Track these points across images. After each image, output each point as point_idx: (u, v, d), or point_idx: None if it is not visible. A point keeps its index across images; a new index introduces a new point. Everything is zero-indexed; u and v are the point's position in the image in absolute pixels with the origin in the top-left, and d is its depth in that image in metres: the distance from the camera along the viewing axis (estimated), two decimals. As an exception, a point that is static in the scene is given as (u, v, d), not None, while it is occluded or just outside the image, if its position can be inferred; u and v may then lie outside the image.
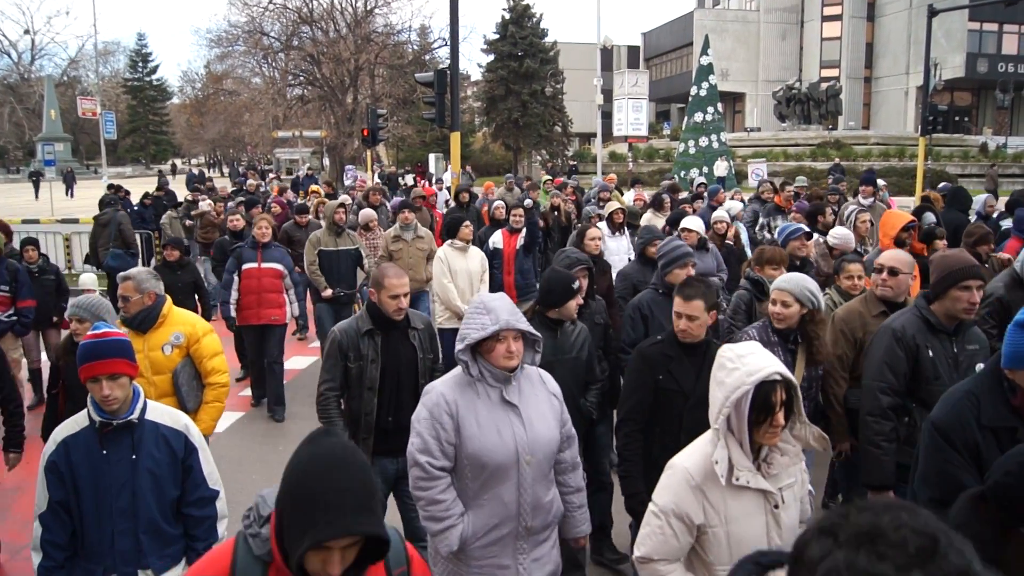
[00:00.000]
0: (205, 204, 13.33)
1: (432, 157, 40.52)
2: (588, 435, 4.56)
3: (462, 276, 7.36)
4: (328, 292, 8.22)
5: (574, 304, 4.24)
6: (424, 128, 43.61)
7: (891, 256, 4.44)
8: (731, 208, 9.66)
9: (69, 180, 40.24)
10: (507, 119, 43.05)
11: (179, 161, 66.94)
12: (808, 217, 8.21)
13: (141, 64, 71.29)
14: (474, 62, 74.58)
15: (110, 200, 14.52)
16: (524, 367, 3.14)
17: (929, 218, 8.21)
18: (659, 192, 11.84)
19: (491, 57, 44.67)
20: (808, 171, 27.25)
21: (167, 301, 4.55)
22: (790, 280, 4.11)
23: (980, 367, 3.68)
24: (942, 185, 12.87)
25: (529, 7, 43.98)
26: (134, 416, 2.99)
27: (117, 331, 3.06)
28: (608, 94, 33.41)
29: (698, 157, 30.05)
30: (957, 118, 47.37)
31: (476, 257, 7.55)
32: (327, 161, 46.99)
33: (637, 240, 6.81)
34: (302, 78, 43.21)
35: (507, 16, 43.80)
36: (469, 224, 7.56)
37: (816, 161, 33.62)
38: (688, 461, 2.57)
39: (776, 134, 39.37)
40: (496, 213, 9.00)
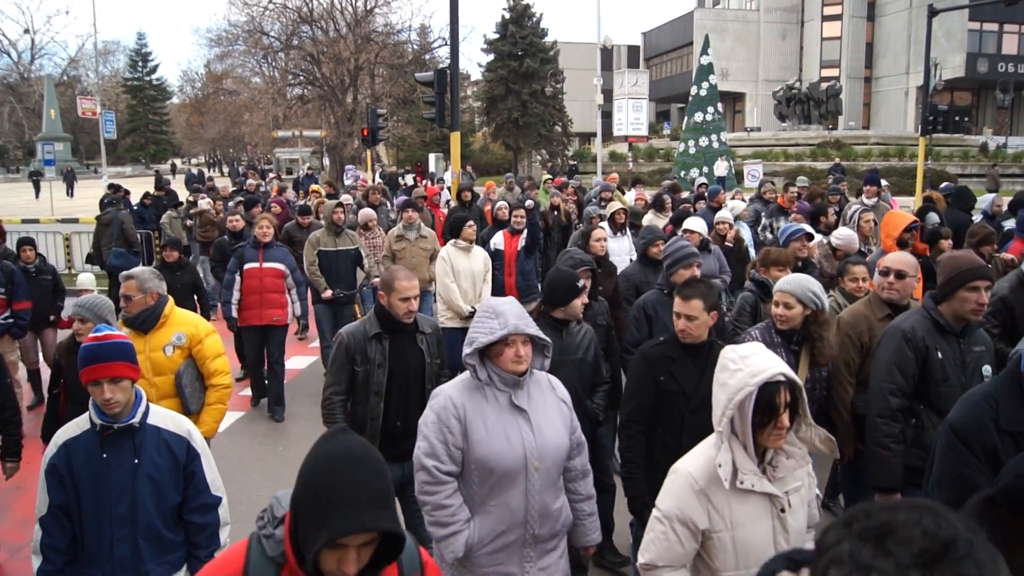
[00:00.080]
0: (204, 202, 13.31)
1: (432, 157, 40.51)
2: (591, 437, 4.53)
3: (465, 276, 7.33)
4: (328, 293, 8.20)
5: (579, 303, 4.21)
6: (424, 128, 43.60)
7: (896, 259, 4.39)
8: (734, 207, 9.62)
9: (70, 179, 40.13)
10: (507, 119, 43.04)
11: (179, 161, 66.83)
12: (810, 218, 8.19)
13: (141, 63, 71.19)
14: (474, 62, 74.81)
15: (112, 199, 14.51)
16: (533, 372, 3.10)
17: (933, 218, 8.18)
18: (660, 193, 11.82)
19: (491, 57, 44.67)
20: (808, 171, 27.22)
21: (169, 301, 4.51)
22: (792, 282, 4.09)
23: (986, 369, 3.68)
24: (944, 185, 12.83)
25: (529, 7, 43.97)
26: (135, 420, 2.94)
27: (119, 333, 3.02)
28: (608, 94, 33.37)
29: (698, 157, 30.05)
30: (957, 118, 47.36)
31: (479, 257, 7.51)
32: (327, 161, 46.93)
33: (639, 241, 6.77)
34: (302, 78, 43.19)
35: (507, 16, 43.79)
36: (473, 224, 7.52)
37: (816, 161, 33.59)
38: (692, 465, 2.52)
39: (776, 134, 39.34)
40: (499, 213, 8.98)
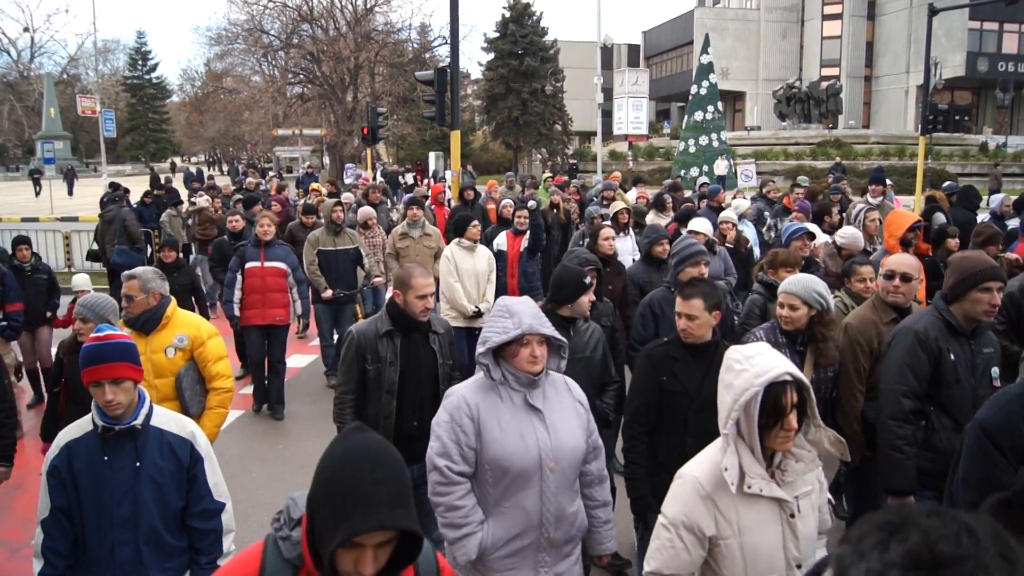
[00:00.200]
0: (202, 200, 13.28)
1: (432, 155, 40.48)
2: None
3: (469, 276, 7.31)
4: (328, 293, 8.18)
5: (587, 300, 4.17)
6: (424, 126, 43.54)
7: (900, 261, 4.31)
8: (738, 206, 9.58)
9: (70, 178, 39.87)
10: (507, 117, 43.00)
11: (178, 159, 66.74)
12: (815, 217, 8.16)
13: (141, 62, 71.11)
14: (474, 60, 74.75)
15: (114, 197, 14.48)
16: (549, 373, 3.05)
17: (939, 219, 8.15)
18: (661, 192, 11.80)
19: (491, 55, 44.63)
20: (808, 170, 27.25)
21: (172, 302, 4.44)
22: (797, 283, 4.05)
23: (995, 370, 3.66)
24: (947, 184, 12.81)
25: (529, 5, 43.92)
26: (138, 422, 2.88)
27: (121, 333, 2.97)
28: (608, 93, 33.37)
29: (698, 156, 30.07)
30: (957, 117, 47.29)
31: (483, 257, 7.49)
32: (327, 159, 46.93)
33: (642, 240, 6.72)
34: (302, 76, 43.13)
35: (507, 14, 43.75)
36: (477, 224, 7.49)
37: (816, 160, 33.56)
38: (698, 470, 2.46)
39: (776, 133, 39.30)
40: (504, 211, 8.94)
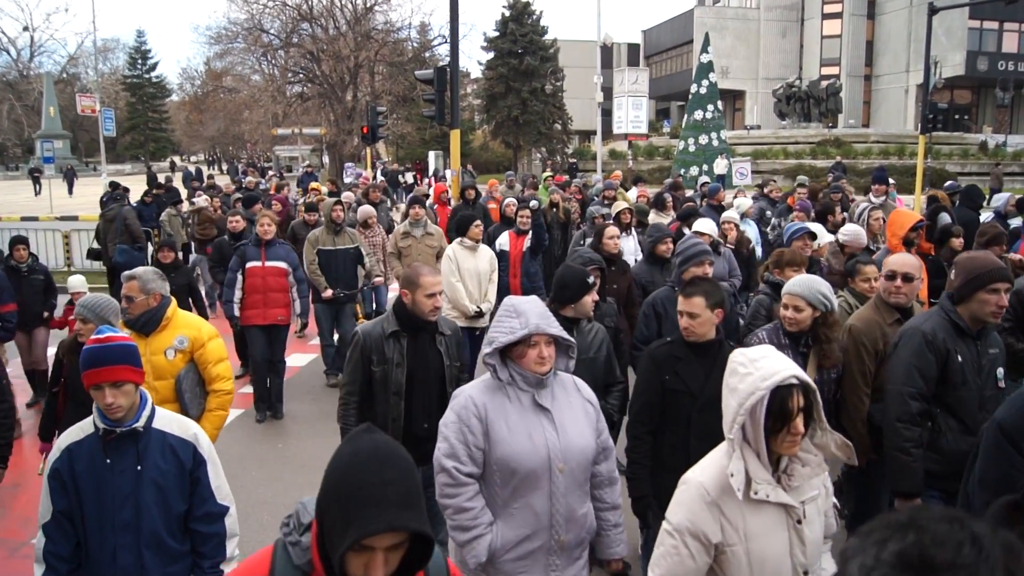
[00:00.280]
0: (201, 199, 13.24)
1: (432, 154, 40.51)
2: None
3: (470, 276, 7.29)
4: (328, 293, 8.15)
5: (590, 299, 4.15)
6: (424, 126, 43.55)
7: (902, 261, 4.28)
8: (740, 205, 9.56)
9: (70, 178, 39.68)
10: (507, 117, 42.96)
11: (178, 158, 66.70)
12: (818, 216, 8.16)
13: (140, 61, 70.99)
14: (474, 60, 74.51)
15: (115, 195, 14.46)
16: (558, 373, 3.02)
17: (944, 219, 8.11)
18: (661, 191, 11.78)
19: (491, 55, 44.57)
20: (808, 169, 27.25)
21: (172, 303, 4.40)
22: (802, 283, 4.02)
23: (999, 371, 3.64)
24: (948, 184, 12.80)
25: (529, 4, 43.86)
26: (139, 424, 2.84)
27: (122, 335, 2.92)
28: (608, 92, 33.38)
29: (698, 155, 30.06)
30: (957, 116, 47.24)
31: (485, 257, 7.47)
32: (327, 159, 46.92)
33: (646, 239, 6.69)
34: (302, 75, 43.18)
35: (507, 13, 43.69)
36: (479, 223, 7.47)
37: (816, 159, 33.55)
38: (703, 475, 2.41)
39: (776, 132, 39.30)
40: (507, 210, 8.94)
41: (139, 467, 2.83)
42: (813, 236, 6.53)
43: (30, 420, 7.55)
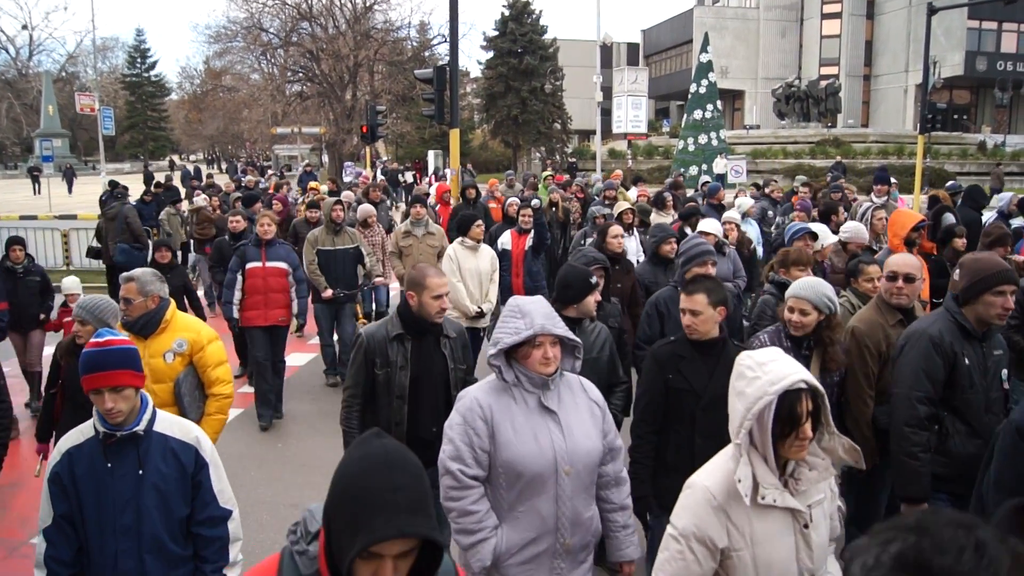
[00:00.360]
0: (200, 199, 13.20)
1: (431, 153, 40.48)
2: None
3: (471, 276, 7.28)
4: (329, 293, 8.13)
5: (593, 300, 4.12)
6: (423, 125, 43.51)
7: (903, 262, 4.25)
8: (741, 205, 9.54)
9: (69, 177, 39.55)
10: (506, 116, 42.93)
11: (177, 157, 66.63)
12: (821, 216, 8.15)
13: (139, 60, 70.98)
14: (473, 59, 74.38)
15: (116, 194, 14.40)
16: (564, 374, 2.99)
17: (949, 219, 8.08)
18: (661, 190, 11.77)
19: (490, 54, 44.55)
20: (807, 169, 27.24)
21: (171, 305, 4.32)
22: (807, 288, 3.98)
23: (1004, 372, 3.62)
24: (950, 184, 12.78)
25: (528, 4, 43.83)
26: (140, 428, 2.80)
27: (122, 339, 2.87)
28: (608, 91, 33.35)
29: (697, 154, 30.05)
30: (956, 116, 47.23)
31: (487, 257, 7.45)
32: (326, 158, 46.90)
33: (649, 239, 6.66)
34: (301, 74, 43.10)
35: (506, 13, 43.67)
36: (481, 223, 7.45)
37: (815, 159, 33.53)
38: (708, 480, 2.37)
39: (775, 132, 39.28)
40: (510, 210, 8.92)
41: (140, 471, 2.79)
42: (814, 236, 6.51)
43: (28, 420, 7.53)
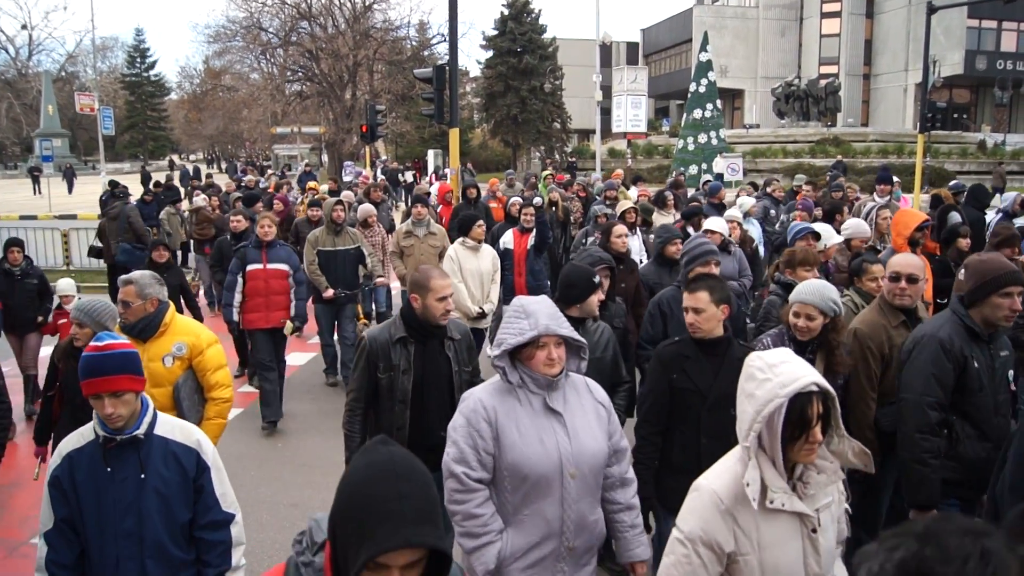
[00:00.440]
0: (200, 199, 13.17)
1: (431, 153, 40.47)
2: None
3: (473, 276, 7.26)
4: (330, 293, 8.11)
5: (596, 299, 4.09)
6: (423, 124, 43.52)
7: (905, 262, 4.19)
8: (743, 204, 9.51)
9: (69, 177, 39.44)
10: (506, 115, 42.89)
11: (176, 157, 66.60)
12: (825, 216, 8.13)
13: (139, 60, 71.00)
14: (473, 58, 74.56)
15: (117, 193, 14.37)
16: (569, 375, 2.95)
17: (955, 218, 8.03)
18: (662, 190, 11.74)
19: (490, 53, 44.48)
20: (807, 168, 27.21)
21: (170, 308, 4.26)
22: (813, 292, 3.92)
23: (1010, 373, 3.59)
24: (952, 183, 12.74)
25: (528, 3, 43.76)
26: (140, 431, 2.76)
27: (122, 342, 2.83)
28: (607, 90, 33.31)
29: (697, 154, 30.02)
30: (956, 115, 47.20)
31: (488, 257, 7.43)
32: (326, 157, 46.90)
33: (654, 240, 6.60)
34: (300, 74, 43.09)
35: (506, 12, 43.62)
36: (482, 223, 7.43)
37: (815, 158, 33.50)
38: (716, 482, 2.33)
39: (775, 131, 39.23)
40: (513, 209, 8.88)
41: (142, 475, 2.75)
42: (817, 236, 6.48)
43: (23, 423, 7.50)
